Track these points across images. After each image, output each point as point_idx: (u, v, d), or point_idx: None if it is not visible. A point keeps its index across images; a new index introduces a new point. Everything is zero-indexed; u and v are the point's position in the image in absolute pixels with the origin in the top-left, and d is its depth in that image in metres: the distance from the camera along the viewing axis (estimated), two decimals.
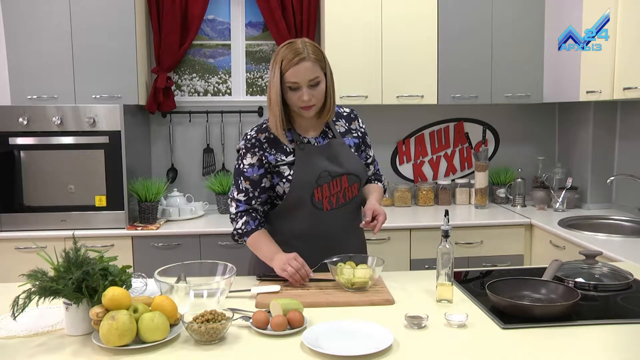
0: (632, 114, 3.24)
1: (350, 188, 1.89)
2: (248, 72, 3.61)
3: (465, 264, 3.04)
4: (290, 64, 1.73)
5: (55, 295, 1.38)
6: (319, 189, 1.83)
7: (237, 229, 1.89)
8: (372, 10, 3.22)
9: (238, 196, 1.89)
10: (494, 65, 3.36)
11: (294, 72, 1.74)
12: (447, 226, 1.64)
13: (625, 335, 1.41)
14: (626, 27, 2.65)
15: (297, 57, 1.73)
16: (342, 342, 1.34)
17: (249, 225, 1.87)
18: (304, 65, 1.74)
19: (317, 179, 1.83)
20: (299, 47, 1.75)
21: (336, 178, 1.85)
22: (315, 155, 1.85)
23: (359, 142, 1.98)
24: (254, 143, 1.85)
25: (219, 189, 3.38)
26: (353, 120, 2.00)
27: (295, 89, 1.76)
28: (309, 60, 1.74)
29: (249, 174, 1.85)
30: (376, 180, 2.09)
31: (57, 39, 3.06)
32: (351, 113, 2.01)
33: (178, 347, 1.35)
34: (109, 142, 2.98)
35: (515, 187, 3.50)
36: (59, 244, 2.80)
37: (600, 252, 2.01)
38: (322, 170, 1.83)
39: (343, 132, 1.95)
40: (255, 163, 1.84)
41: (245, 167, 1.85)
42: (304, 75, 1.74)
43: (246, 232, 1.87)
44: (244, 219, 1.88)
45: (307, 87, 1.75)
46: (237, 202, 1.89)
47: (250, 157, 1.85)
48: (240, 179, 1.87)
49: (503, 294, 1.55)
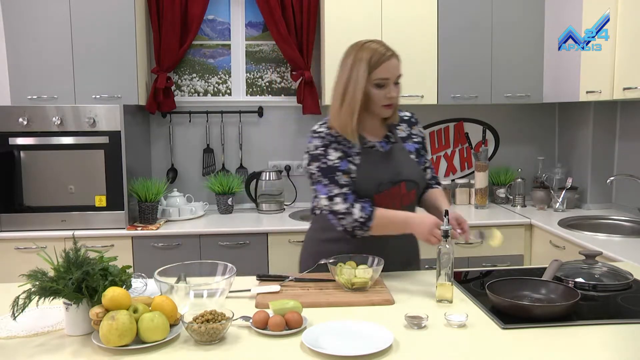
0: (632, 114, 3.24)
1: (408, 194, 1.88)
2: (248, 72, 3.61)
3: (465, 264, 3.04)
4: (382, 59, 1.75)
5: (55, 295, 1.38)
6: (378, 195, 1.82)
7: (357, 219, 1.75)
8: (372, 11, 3.22)
9: (342, 190, 1.78)
10: (494, 65, 3.36)
11: (385, 68, 1.75)
12: (447, 226, 1.64)
13: (625, 335, 1.41)
14: (626, 27, 2.65)
15: (388, 52, 1.76)
16: (342, 342, 1.34)
17: (365, 210, 1.76)
18: (393, 62, 1.77)
19: (379, 185, 1.82)
20: (384, 44, 1.78)
21: (396, 185, 1.85)
22: (379, 163, 1.84)
23: (419, 147, 1.97)
24: (330, 139, 1.82)
25: (219, 189, 3.38)
26: (414, 125, 1.99)
27: (382, 86, 1.77)
28: (396, 58, 1.78)
29: (343, 167, 1.80)
30: (436, 184, 2.08)
31: (57, 39, 3.06)
32: (412, 117, 2.01)
33: (178, 347, 1.35)
34: (109, 142, 2.98)
35: (515, 187, 3.50)
36: (59, 244, 2.80)
37: (600, 252, 2.01)
38: (383, 179, 1.82)
39: (404, 137, 1.94)
40: (342, 155, 1.81)
41: (337, 162, 1.79)
42: (394, 71, 1.77)
43: (367, 217, 1.75)
44: (358, 206, 1.76)
45: (394, 83, 1.78)
46: (344, 196, 1.77)
47: (334, 151, 1.80)
48: (336, 174, 1.78)
49: (503, 294, 1.55)
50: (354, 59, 1.78)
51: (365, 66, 1.75)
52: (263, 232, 3.05)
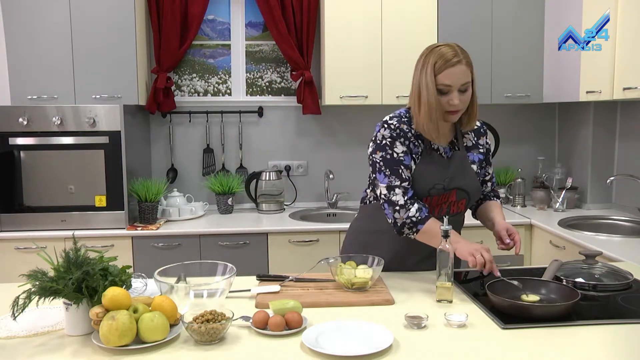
0: (632, 114, 3.24)
1: (457, 203, 1.87)
2: (248, 72, 3.61)
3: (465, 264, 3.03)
4: (446, 65, 1.70)
5: (55, 295, 1.38)
6: (428, 198, 1.81)
7: (411, 217, 1.74)
8: (372, 10, 3.22)
9: (403, 184, 1.77)
10: (494, 65, 3.36)
11: (448, 74, 1.70)
12: (447, 226, 1.64)
13: (625, 335, 1.41)
14: (626, 27, 2.65)
15: (454, 58, 1.70)
16: (342, 342, 1.34)
17: (422, 212, 1.75)
18: (459, 68, 1.70)
19: (430, 189, 1.81)
20: (454, 49, 1.72)
21: (447, 191, 1.83)
22: (438, 166, 1.83)
23: (483, 158, 1.94)
24: (399, 133, 1.80)
25: (219, 189, 3.39)
26: (482, 136, 1.95)
27: (446, 93, 1.73)
28: (463, 64, 1.71)
29: (407, 162, 1.79)
30: (495, 197, 2.05)
31: (57, 39, 3.06)
32: (481, 127, 1.96)
33: (178, 347, 1.35)
34: (109, 142, 2.98)
35: (515, 187, 3.50)
36: (59, 244, 2.80)
37: (600, 252, 2.01)
38: (437, 182, 1.81)
39: (469, 147, 1.91)
40: (407, 151, 1.80)
41: (402, 156, 1.78)
42: (458, 79, 1.71)
43: (421, 219, 1.74)
44: (416, 206, 1.75)
45: (458, 91, 1.72)
46: (404, 190, 1.77)
47: (400, 145, 1.79)
48: (400, 167, 1.78)
49: (503, 294, 1.55)
50: (424, 63, 1.75)
51: (431, 70, 1.72)
52: (263, 232, 3.05)
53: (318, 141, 3.66)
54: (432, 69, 1.72)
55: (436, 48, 1.76)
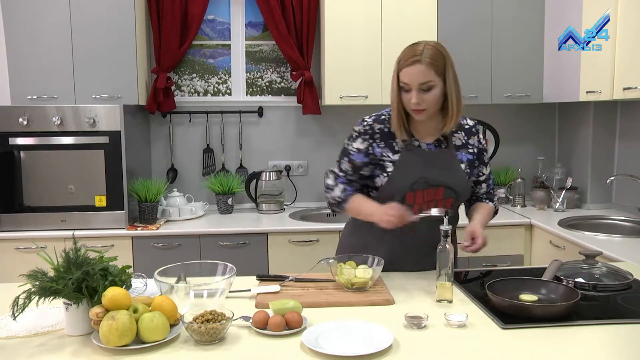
0: (632, 114, 3.24)
1: (443, 202, 1.85)
2: (248, 72, 3.61)
3: (465, 264, 3.04)
4: (405, 64, 1.74)
5: (55, 295, 1.38)
6: (412, 193, 1.82)
7: (336, 197, 1.88)
8: (372, 10, 3.22)
9: (340, 173, 1.90)
10: (494, 65, 3.36)
11: (406, 73, 1.74)
12: (447, 226, 1.64)
13: (625, 335, 1.41)
14: (626, 27, 2.65)
15: (412, 58, 1.73)
16: (342, 342, 1.34)
17: (347, 192, 1.87)
18: (416, 68, 1.73)
19: (413, 184, 1.81)
20: (417, 48, 1.75)
21: (432, 188, 1.83)
22: (420, 160, 1.83)
23: (473, 158, 1.92)
24: (367, 130, 1.86)
25: (219, 189, 3.39)
26: (473, 135, 1.94)
27: (407, 91, 1.76)
28: (423, 64, 1.72)
29: (355, 157, 1.86)
30: (487, 199, 2.01)
31: (57, 39, 3.06)
32: (473, 127, 1.95)
33: (178, 347, 1.35)
34: (109, 142, 2.98)
35: (515, 187, 3.50)
36: (59, 244, 2.80)
37: (600, 252, 2.01)
38: (420, 176, 1.81)
39: (459, 146, 1.90)
40: (362, 149, 1.86)
41: (353, 150, 1.87)
42: (415, 77, 1.73)
43: (345, 198, 1.87)
44: (342, 186, 1.88)
45: (418, 90, 1.74)
46: (336, 176, 1.91)
47: (360, 142, 1.86)
48: (344, 159, 1.89)
49: (503, 294, 1.55)
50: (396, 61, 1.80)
51: (395, 68, 1.79)
52: (263, 232, 3.05)
53: (318, 141, 3.66)
54: (396, 66, 1.78)
55: (408, 46, 1.80)
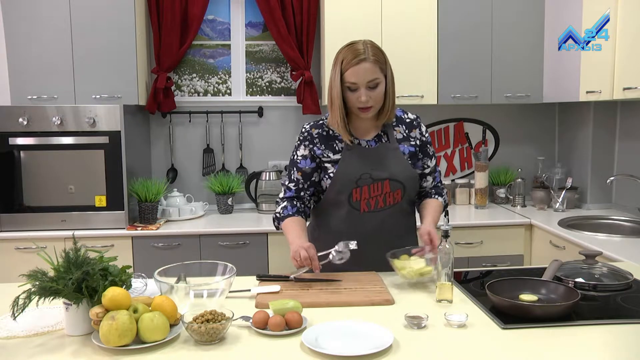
0: (632, 114, 3.24)
1: (392, 194, 1.88)
2: (248, 72, 3.61)
3: (465, 264, 3.04)
4: (350, 64, 1.76)
5: (55, 295, 1.38)
6: (357, 189, 1.85)
7: (276, 212, 1.95)
8: (371, 11, 3.22)
9: (289, 184, 1.95)
10: (494, 65, 3.36)
11: (353, 73, 1.76)
12: (447, 226, 1.64)
13: (625, 335, 1.41)
14: (626, 27, 2.65)
15: (357, 57, 1.75)
16: (342, 342, 1.34)
17: (286, 210, 1.92)
18: (363, 66, 1.75)
19: (357, 180, 1.84)
20: (359, 48, 1.77)
21: (378, 182, 1.85)
22: (361, 157, 1.87)
23: (416, 150, 1.95)
24: (305, 136, 1.92)
25: (219, 189, 3.38)
26: (414, 128, 1.97)
27: (354, 90, 1.78)
28: (369, 62, 1.76)
29: (302, 165, 1.91)
30: (436, 194, 2.03)
31: (57, 39, 3.06)
32: (414, 120, 1.99)
33: (178, 347, 1.35)
34: (109, 142, 2.98)
35: (515, 187, 3.50)
36: (59, 244, 2.80)
37: (600, 252, 2.01)
38: (363, 172, 1.85)
39: (400, 139, 1.93)
40: (307, 155, 1.90)
41: (299, 158, 1.92)
42: (363, 76, 1.76)
43: (282, 217, 1.92)
44: (284, 204, 1.93)
45: (366, 88, 1.77)
46: (287, 189, 1.95)
47: (303, 149, 1.92)
48: (293, 169, 1.94)
49: (503, 294, 1.55)
50: (335, 61, 1.82)
51: (338, 69, 1.79)
52: (263, 232, 3.05)
53: None
54: (339, 67, 1.78)
55: (346, 46, 1.81)
